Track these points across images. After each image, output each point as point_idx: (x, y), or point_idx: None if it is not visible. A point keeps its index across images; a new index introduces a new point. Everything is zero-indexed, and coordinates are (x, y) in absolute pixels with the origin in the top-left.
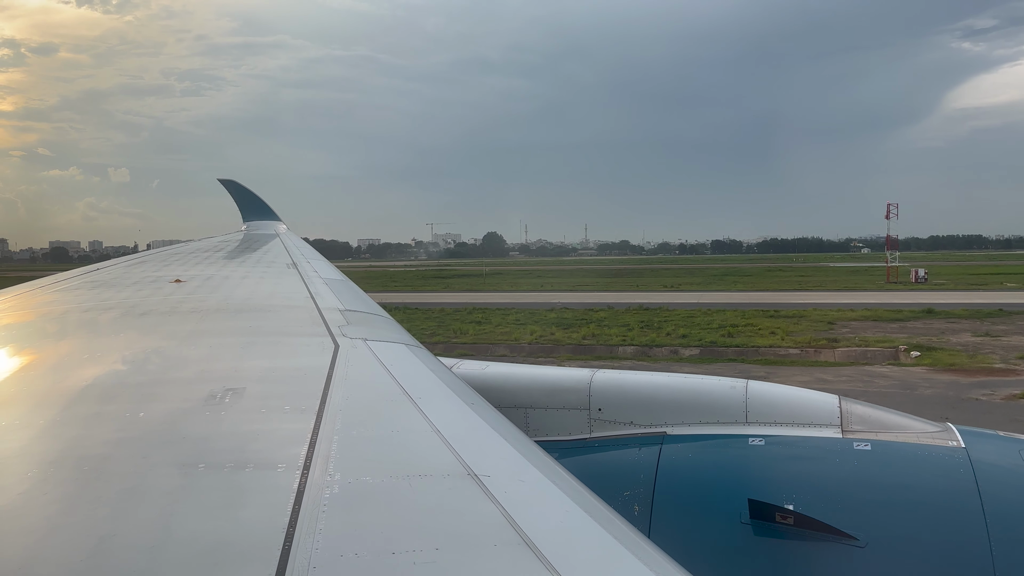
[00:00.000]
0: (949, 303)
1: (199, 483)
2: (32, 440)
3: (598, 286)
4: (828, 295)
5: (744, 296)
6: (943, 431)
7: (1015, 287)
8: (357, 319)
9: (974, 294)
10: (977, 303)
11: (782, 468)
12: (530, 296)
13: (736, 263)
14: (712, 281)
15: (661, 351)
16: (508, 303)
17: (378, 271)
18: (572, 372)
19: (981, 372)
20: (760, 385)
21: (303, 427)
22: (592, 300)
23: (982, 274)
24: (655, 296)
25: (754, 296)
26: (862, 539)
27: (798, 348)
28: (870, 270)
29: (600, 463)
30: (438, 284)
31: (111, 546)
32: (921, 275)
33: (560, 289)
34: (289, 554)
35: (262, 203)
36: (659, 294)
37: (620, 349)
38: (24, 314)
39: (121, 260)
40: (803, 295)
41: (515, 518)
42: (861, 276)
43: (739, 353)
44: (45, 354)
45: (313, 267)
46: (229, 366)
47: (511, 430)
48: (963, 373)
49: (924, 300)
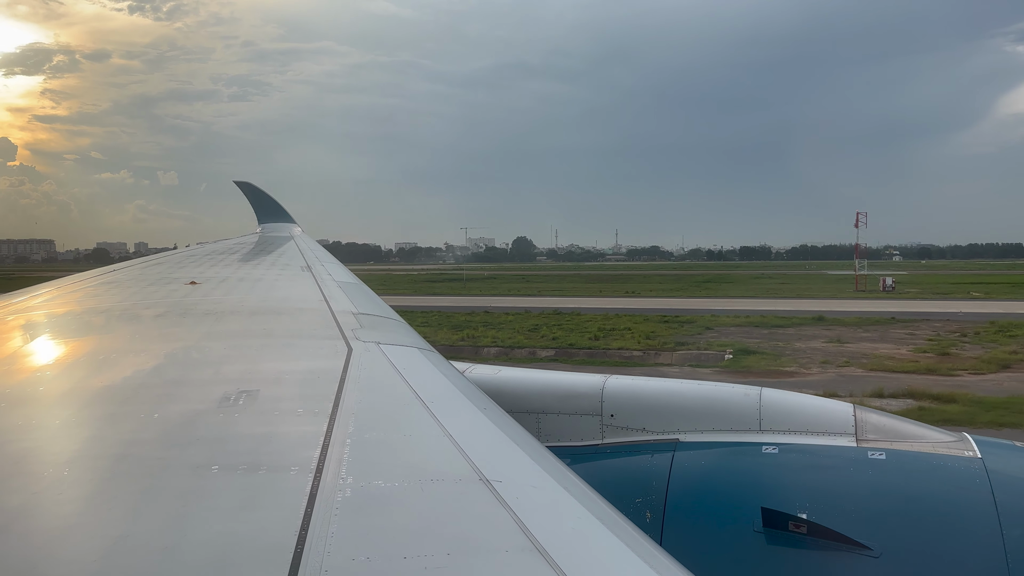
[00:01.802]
0: (848, 311)
1: (213, 485)
2: (48, 440)
3: (552, 291)
4: (766, 302)
5: (679, 302)
6: (959, 441)
7: (978, 297)
8: (370, 322)
9: (919, 303)
10: (887, 311)
11: (796, 476)
12: (471, 300)
13: (732, 270)
14: (685, 288)
15: (520, 352)
16: (441, 306)
17: (381, 274)
18: (585, 378)
19: (761, 373)
20: (774, 393)
21: (316, 430)
22: (519, 304)
23: (965, 283)
24: (591, 301)
25: (689, 302)
26: (876, 549)
27: (642, 351)
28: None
29: (612, 469)
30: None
31: (125, 546)
32: (889, 284)
33: (510, 294)
34: (301, 557)
35: (277, 205)
36: (601, 299)
37: (484, 350)
38: (41, 315)
39: (138, 261)
40: (741, 302)
41: (526, 524)
42: (840, 285)
43: (589, 355)
44: (60, 355)
45: (327, 270)
46: (243, 368)
47: (523, 435)
48: (744, 373)
49: (852, 308)
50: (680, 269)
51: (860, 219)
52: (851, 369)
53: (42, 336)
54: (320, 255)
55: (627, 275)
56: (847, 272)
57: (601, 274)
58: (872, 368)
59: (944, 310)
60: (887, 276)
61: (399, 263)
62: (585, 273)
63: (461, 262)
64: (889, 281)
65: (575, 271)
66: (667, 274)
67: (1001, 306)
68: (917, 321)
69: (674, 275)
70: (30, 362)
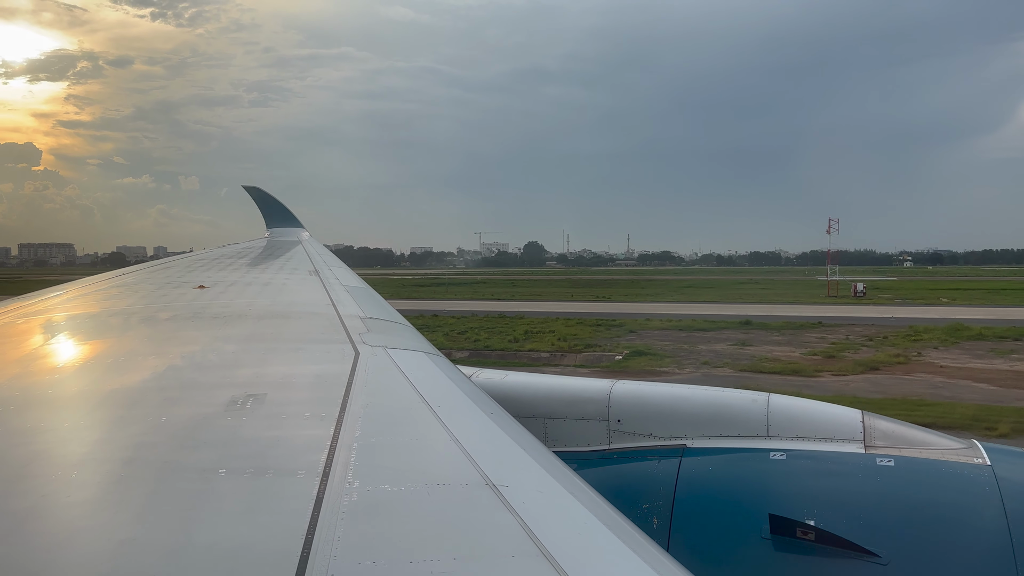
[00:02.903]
0: (787, 315)
1: (220, 488)
2: (57, 443)
3: (525, 296)
4: (725, 307)
5: (636, 307)
6: (968, 448)
7: (944, 303)
8: (377, 327)
9: (876, 308)
10: (825, 315)
11: (803, 483)
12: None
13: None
14: (661, 293)
15: None
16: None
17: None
18: (591, 383)
19: (636, 372)
20: (782, 399)
21: (323, 434)
22: (474, 308)
23: (950, 289)
24: (550, 305)
25: (645, 307)
26: (884, 556)
27: (550, 352)
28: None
29: (619, 475)
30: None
31: (133, 549)
32: (860, 290)
33: (476, 298)
34: (307, 561)
35: (285, 210)
36: (563, 303)
37: None
38: (50, 318)
39: (147, 266)
40: (698, 307)
41: (533, 529)
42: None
43: (500, 355)
44: (68, 358)
45: (334, 274)
46: (251, 372)
47: (530, 440)
48: (622, 372)
49: (799, 313)
50: (682, 275)
51: (832, 225)
52: (722, 370)
53: (51, 339)
54: (328, 259)
55: (619, 280)
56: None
57: (595, 279)
58: (742, 369)
59: (886, 315)
60: (859, 282)
61: (410, 267)
62: (580, 278)
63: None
64: (860, 287)
65: (573, 276)
66: (661, 279)
67: (952, 311)
68: (842, 326)
69: (666, 280)
70: (39, 365)
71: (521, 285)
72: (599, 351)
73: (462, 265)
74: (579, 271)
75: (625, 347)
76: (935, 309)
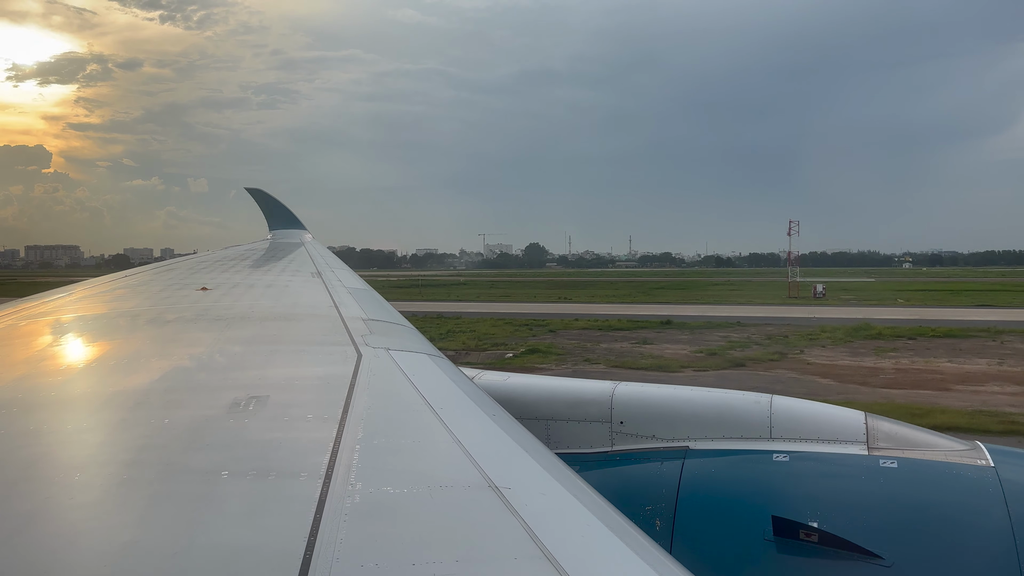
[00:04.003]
0: (717, 316)
1: (222, 490)
2: (59, 445)
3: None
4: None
5: (583, 308)
6: (971, 449)
7: (901, 304)
8: (380, 328)
9: (824, 309)
10: (750, 316)
11: (806, 485)
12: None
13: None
14: (629, 294)
15: None
16: None
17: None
18: (594, 385)
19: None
20: (785, 400)
21: (325, 436)
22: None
23: (913, 291)
24: (499, 306)
25: (593, 308)
26: (888, 558)
27: (455, 351)
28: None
29: (622, 477)
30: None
31: (135, 552)
32: (819, 291)
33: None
34: (310, 564)
35: (288, 212)
36: (516, 304)
37: None
38: (52, 320)
39: (150, 267)
40: (647, 307)
41: (536, 531)
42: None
43: None
44: (71, 360)
45: (337, 276)
46: (253, 374)
47: (532, 442)
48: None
49: (733, 314)
50: (672, 276)
51: (792, 228)
52: (598, 367)
53: (54, 341)
54: (330, 261)
55: (601, 282)
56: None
57: (581, 280)
58: (618, 366)
59: (814, 316)
60: (818, 283)
61: (411, 269)
62: (566, 280)
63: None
64: (820, 288)
65: (561, 278)
66: (641, 281)
67: (886, 312)
68: (759, 325)
69: (647, 282)
70: (42, 367)
71: (499, 287)
72: (502, 349)
73: (463, 267)
74: (575, 273)
75: (526, 346)
76: (876, 310)
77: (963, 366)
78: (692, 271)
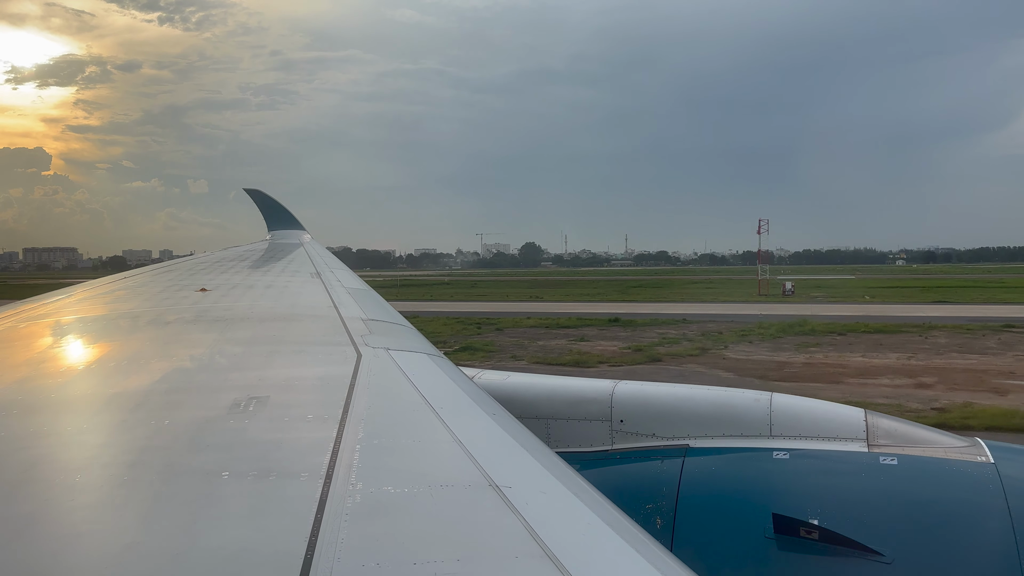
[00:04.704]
0: (669, 313)
1: (223, 491)
2: (59, 447)
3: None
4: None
5: (545, 306)
6: (971, 446)
7: (866, 300)
8: (379, 328)
9: (787, 306)
10: (700, 314)
11: (807, 482)
12: None
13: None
14: (604, 292)
15: None
16: None
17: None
18: (594, 383)
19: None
20: (785, 398)
21: (326, 436)
22: None
23: (882, 288)
24: (464, 305)
25: (556, 306)
26: (888, 555)
27: None
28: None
29: (622, 475)
30: None
31: (136, 553)
32: (788, 288)
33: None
34: (311, 563)
35: (287, 212)
36: (483, 303)
37: None
38: (51, 322)
39: (148, 269)
40: (611, 306)
41: (536, 530)
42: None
43: None
44: (70, 362)
45: (336, 276)
46: (253, 374)
47: (532, 441)
48: None
49: (692, 311)
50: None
51: (762, 226)
52: (520, 363)
53: (54, 343)
54: (329, 262)
55: (584, 281)
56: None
57: (567, 280)
58: (539, 361)
59: (763, 313)
60: (787, 281)
61: (406, 269)
62: (554, 279)
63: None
64: (788, 286)
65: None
66: (621, 280)
67: (850, 309)
68: (701, 323)
69: (634, 280)
70: (41, 368)
71: (481, 286)
72: (442, 348)
73: (458, 267)
74: (567, 272)
75: (463, 344)
76: (832, 306)
77: (871, 360)
78: (682, 269)
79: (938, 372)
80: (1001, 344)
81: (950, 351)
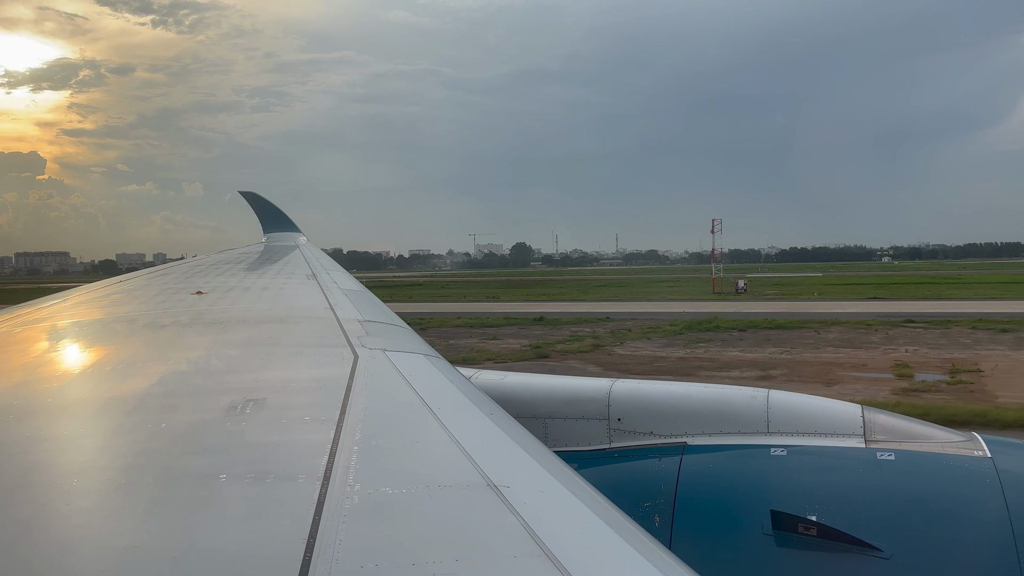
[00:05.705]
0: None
1: (221, 494)
2: (56, 450)
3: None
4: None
5: (501, 306)
6: (968, 440)
7: (815, 298)
8: (376, 330)
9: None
10: (632, 312)
11: (804, 478)
12: None
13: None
14: (566, 292)
15: None
16: None
17: None
18: (591, 382)
19: None
20: (782, 395)
21: (323, 438)
22: None
23: (846, 285)
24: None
25: (510, 306)
26: (886, 550)
27: None
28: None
29: (620, 473)
30: None
31: (134, 556)
32: (741, 286)
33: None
34: (309, 565)
35: (282, 215)
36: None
37: None
38: (47, 326)
39: (143, 272)
40: (562, 305)
41: (535, 529)
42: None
43: None
44: (66, 366)
45: (332, 278)
46: (250, 377)
47: (530, 440)
48: None
49: (626, 310)
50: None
51: (716, 225)
52: None
53: (50, 347)
54: (325, 263)
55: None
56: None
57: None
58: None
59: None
60: (740, 279)
61: (396, 270)
62: (531, 279)
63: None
64: (741, 284)
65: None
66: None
67: (783, 306)
68: (621, 320)
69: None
70: (38, 373)
71: (452, 287)
72: None
73: (449, 267)
74: (552, 272)
75: None
76: (769, 304)
77: (745, 355)
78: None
79: (793, 366)
80: (884, 339)
81: (828, 346)
